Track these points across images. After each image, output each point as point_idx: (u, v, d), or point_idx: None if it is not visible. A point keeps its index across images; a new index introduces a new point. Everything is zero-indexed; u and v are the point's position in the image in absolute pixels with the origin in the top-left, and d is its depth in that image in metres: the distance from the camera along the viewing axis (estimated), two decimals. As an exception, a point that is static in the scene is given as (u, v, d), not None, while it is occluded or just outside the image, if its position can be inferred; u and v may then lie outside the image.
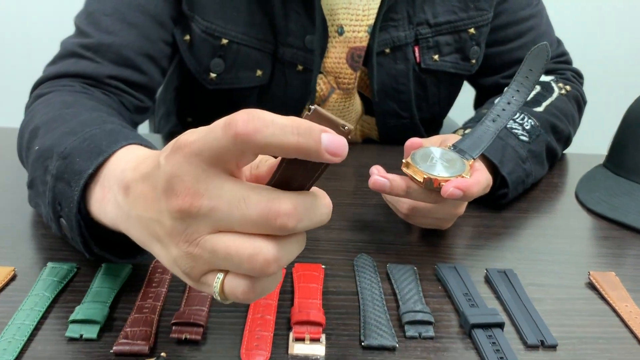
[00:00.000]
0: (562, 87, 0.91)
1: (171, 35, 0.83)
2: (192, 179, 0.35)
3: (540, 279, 0.64)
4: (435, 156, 0.65)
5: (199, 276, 0.38)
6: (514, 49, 0.96)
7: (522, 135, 0.79)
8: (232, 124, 0.33)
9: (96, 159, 0.49)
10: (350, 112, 0.93)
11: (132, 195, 0.41)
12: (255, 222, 0.35)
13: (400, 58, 0.89)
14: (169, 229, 0.37)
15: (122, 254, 0.55)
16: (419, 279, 0.62)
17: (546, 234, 0.74)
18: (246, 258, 0.35)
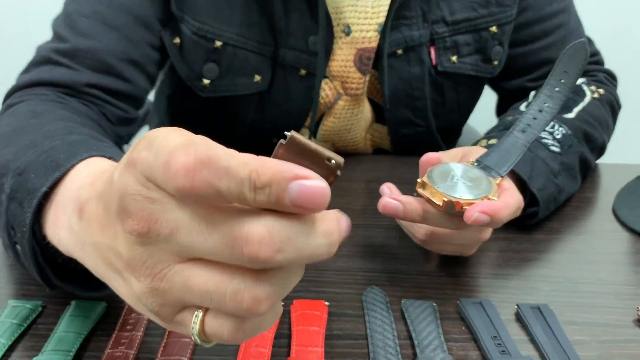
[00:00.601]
0: (594, 91, 0.82)
1: (159, 38, 0.75)
2: (145, 199, 0.29)
3: (581, 316, 0.55)
4: (456, 174, 0.55)
5: (171, 316, 0.31)
6: (540, 48, 0.86)
7: (553, 145, 0.70)
8: (172, 169, 0.27)
9: (51, 174, 0.42)
10: (359, 120, 0.84)
11: (86, 218, 0.34)
12: (220, 251, 0.28)
13: (414, 60, 0.80)
14: (126, 258, 0.30)
15: (88, 286, 0.47)
16: (439, 318, 0.53)
17: (583, 259, 0.65)
18: (229, 296, 0.28)
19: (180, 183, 0.27)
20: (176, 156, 0.27)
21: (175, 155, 0.27)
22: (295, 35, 0.75)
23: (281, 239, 0.27)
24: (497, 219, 0.52)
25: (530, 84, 0.87)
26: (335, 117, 0.81)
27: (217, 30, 0.74)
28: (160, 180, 0.28)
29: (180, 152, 0.27)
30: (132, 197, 0.29)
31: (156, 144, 0.28)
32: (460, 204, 0.52)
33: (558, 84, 0.58)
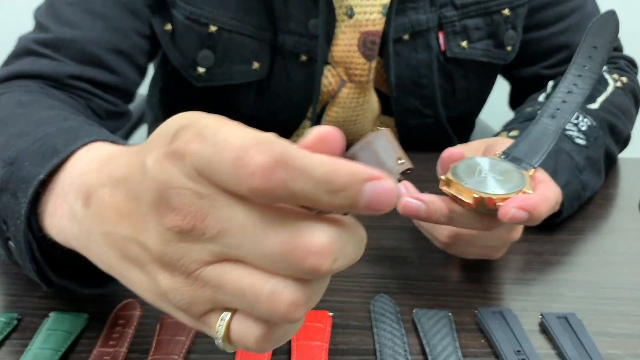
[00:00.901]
0: (617, 79, 0.76)
1: (148, 27, 0.70)
2: (193, 194, 0.27)
3: (612, 325, 0.50)
4: (484, 168, 0.49)
5: (199, 314, 0.30)
6: (556, 33, 0.81)
7: (579, 137, 0.65)
8: (247, 169, 0.25)
9: (49, 161, 0.39)
10: (365, 111, 0.78)
11: (95, 206, 0.33)
12: (275, 260, 0.26)
13: (421, 46, 0.75)
14: (157, 253, 0.29)
15: (89, 282, 0.44)
16: (456, 330, 0.48)
17: (610, 262, 0.59)
18: (264, 297, 0.27)
19: (256, 184, 0.25)
20: (251, 155, 0.25)
21: (250, 153, 0.25)
22: (295, 19, 0.70)
23: (337, 248, 0.26)
24: (536, 215, 0.46)
25: (546, 71, 0.82)
26: (339, 106, 0.76)
27: (211, 14, 0.69)
28: (225, 178, 0.26)
29: (254, 150, 0.25)
30: (176, 190, 0.27)
31: (211, 136, 0.26)
32: (493, 200, 0.47)
33: (587, 61, 0.52)
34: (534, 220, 0.47)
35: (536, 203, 0.46)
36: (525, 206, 0.46)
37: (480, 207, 0.47)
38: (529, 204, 0.46)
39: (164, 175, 0.28)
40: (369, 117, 0.79)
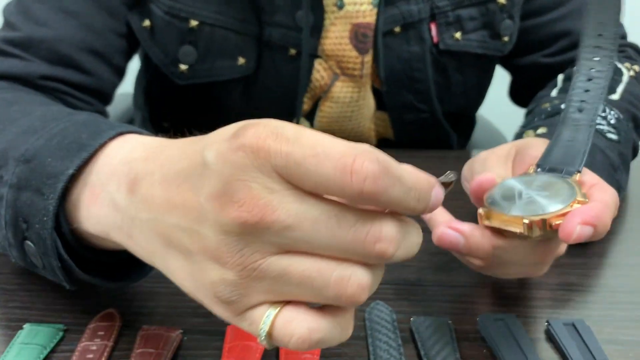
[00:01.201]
0: (629, 68, 0.72)
1: (125, 25, 0.67)
2: (263, 188, 0.29)
3: (623, 332, 0.47)
4: (523, 189, 0.43)
5: (244, 309, 0.31)
6: (555, 20, 0.77)
7: (610, 132, 0.60)
8: (358, 175, 0.28)
9: (77, 155, 0.39)
10: (361, 107, 0.75)
11: (142, 192, 0.33)
12: (347, 246, 0.29)
13: (413, 38, 0.72)
14: (213, 243, 0.30)
15: (114, 277, 0.44)
16: (456, 339, 0.45)
17: (619, 264, 0.56)
18: (333, 281, 0.29)
19: (367, 188, 0.28)
20: (360, 162, 0.28)
21: (358, 160, 0.28)
22: (282, 11, 0.67)
23: (402, 237, 0.30)
24: (602, 226, 0.40)
25: (545, 59, 0.79)
26: (332, 101, 0.73)
27: (191, 8, 0.66)
28: (320, 181, 0.28)
29: (362, 157, 0.28)
30: (244, 182, 0.28)
31: (294, 137, 0.28)
32: (549, 221, 0.40)
33: (597, 40, 0.46)
34: (599, 234, 0.40)
35: (601, 212, 0.40)
36: (589, 219, 0.39)
37: (534, 233, 0.40)
38: (593, 216, 0.39)
39: (231, 167, 0.29)
40: (365, 114, 0.76)
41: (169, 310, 0.47)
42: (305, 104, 0.73)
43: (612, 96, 0.66)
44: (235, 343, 0.43)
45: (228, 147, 0.29)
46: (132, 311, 0.47)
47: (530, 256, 0.43)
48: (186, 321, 0.46)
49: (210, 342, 0.44)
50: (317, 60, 0.71)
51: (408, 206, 0.30)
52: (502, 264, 0.46)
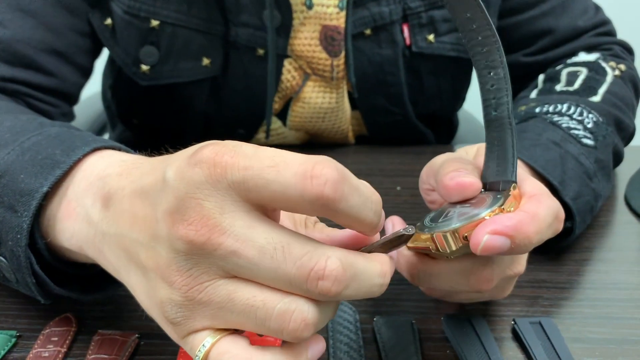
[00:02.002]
0: (614, 67, 0.69)
1: (87, 23, 0.65)
2: (216, 208, 0.29)
3: (590, 330, 0.46)
4: (453, 208, 0.39)
5: (187, 332, 0.31)
6: (535, 17, 0.75)
7: (586, 137, 0.57)
8: (318, 179, 0.28)
9: (51, 172, 0.39)
10: (334, 110, 0.72)
11: (115, 209, 0.34)
12: (291, 281, 0.29)
13: (385, 41, 0.70)
14: (164, 260, 0.30)
15: (87, 289, 0.43)
16: (419, 340, 0.44)
17: (592, 259, 0.55)
18: (276, 313, 0.29)
19: (327, 192, 0.28)
20: (319, 168, 0.28)
21: (317, 167, 0.28)
22: (248, 10, 0.66)
23: (350, 275, 0.29)
24: (520, 238, 0.35)
25: (526, 58, 0.76)
26: (304, 102, 0.71)
27: (151, 7, 0.64)
28: (278, 190, 0.28)
29: (321, 165, 0.28)
30: (197, 201, 0.28)
31: (251, 153, 0.29)
32: (461, 233, 0.36)
33: (474, 33, 0.38)
34: (520, 247, 0.35)
35: (520, 223, 0.35)
36: (502, 229, 0.35)
37: (450, 247, 0.36)
38: (508, 226, 0.35)
39: (186, 183, 0.29)
40: (340, 116, 0.74)
41: (128, 314, 0.46)
42: (277, 103, 0.72)
43: (592, 98, 0.64)
44: (191, 347, 0.42)
45: (186, 164, 0.29)
46: (89, 315, 0.46)
47: (462, 277, 0.39)
48: (144, 325, 0.45)
49: (167, 346, 0.43)
50: (287, 60, 0.69)
51: (366, 218, 0.30)
52: (444, 289, 0.43)
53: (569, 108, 0.60)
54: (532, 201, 0.38)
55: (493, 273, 0.39)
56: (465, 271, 0.39)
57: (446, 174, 0.39)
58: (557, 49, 0.75)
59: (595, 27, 0.76)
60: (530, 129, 0.57)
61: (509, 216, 0.36)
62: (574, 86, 0.66)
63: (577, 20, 0.75)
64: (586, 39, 0.75)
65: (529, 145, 0.54)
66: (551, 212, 0.38)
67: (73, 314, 0.46)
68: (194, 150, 0.30)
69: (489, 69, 0.38)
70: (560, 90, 0.66)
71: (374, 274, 0.30)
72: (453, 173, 0.39)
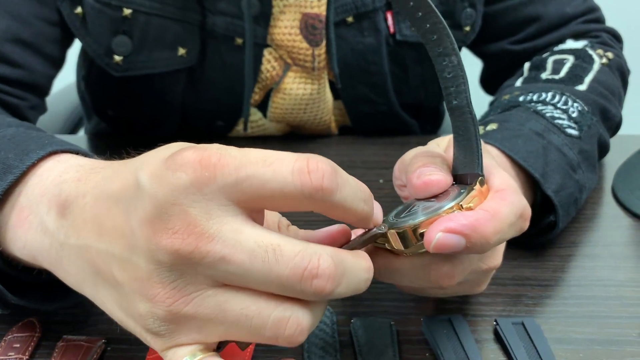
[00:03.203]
0: (602, 55, 0.67)
1: (56, 11, 0.62)
2: (202, 214, 0.28)
3: (574, 330, 0.45)
4: (418, 202, 0.38)
5: (172, 345, 0.30)
6: (522, 3, 0.73)
7: (570, 127, 0.55)
8: (315, 173, 0.28)
9: (2, 178, 0.37)
10: (316, 101, 0.70)
11: (73, 216, 0.32)
12: (284, 282, 0.28)
13: (368, 29, 0.68)
14: (144, 273, 0.28)
15: (48, 297, 0.41)
16: (397, 341, 0.43)
17: (577, 254, 0.54)
18: (271, 322, 0.29)
19: (325, 184, 0.28)
20: (314, 162, 0.28)
21: (312, 162, 0.28)
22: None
23: (340, 272, 0.29)
24: (477, 237, 0.33)
25: (514, 47, 0.74)
26: (285, 93, 0.69)
27: None
28: (275, 186, 0.28)
29: (315, 159, 0.29)
30: (181, 207, 0.27)
31: (241, 154, 0.28)
32: (413, 229, 0.34)
33: (420, 21, 0.37)
34: (477, 246, 0.34)
35: (476, 221, 0.34)
36: (457, 228, 0.33)
37: (408, 244, 0.35)
38: (464, 224, 0.33)
39: (167, 189, 0.27)
40: (323, 108, 0.72)
41: (94, 317, 0.45)
42: (257, 94, 0.69)
43: (578, 87, 0.62)
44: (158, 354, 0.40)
45: (165, 168, 0.28)
46: (54, 319, 0.44)
47: (423, 273, 0.37)
48: (111, 329, 0.43)
49: (135, 351, 0.42)
50: (267, 49, 0.66)
51: (357, 207, 0.30)
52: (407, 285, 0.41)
53: (554, 97, 0.59)
54: (496, 198, 0.36)
55: (454, 269, 0.37)
56: (425, 267, 0.37)
57: (414, 172, 0.37)
58: (544, 37, 0.73)
59: (584, 13, 0.74)
60: (513, 119, 0.55)
61: (467, 214, 0.34)
62: (559, 74, 0.64)
63: (565, 7, 0.73)
64: (574, 26, 0.73)
65: (510, 136, 0.52)
66: (514, 210, 0.36)
67: (37, 318, 0.44)
68: (169, 154, 0.28)
69: (443, 57, 0.36)
70: (546, 78, 0.65)
71: (362, 269, 0.31)
72: (420, 170, 0.37)
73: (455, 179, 0.38)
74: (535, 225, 0.51)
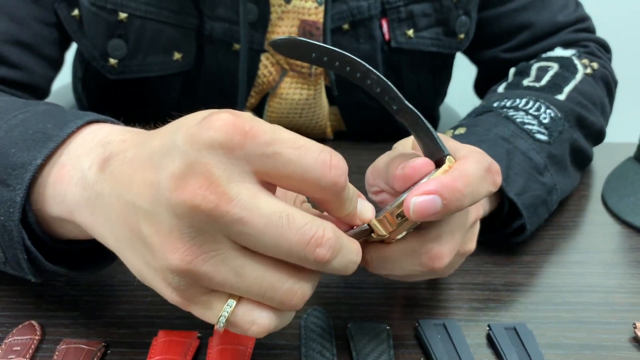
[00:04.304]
0: (587, 65, 0.69)
1: (53, 13, 0.63)
2: (225, 175, 0.29)
3: (566, 335, 0.46)
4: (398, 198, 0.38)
5: (196, 296, 0.32)
6: (515, 10, 0.74)
7: (540, 133, 0.57)
8: (337, 169, 0.31)
9: (44, 145, 0.38)
10: (312, 106, 0.71)
11: (112, 170, 0.33)
12: (292, 248, 0.30)
13: (363, 36, 0.68)
14: (166, 227, 0.30)
15: (77, 265, 0.42)
16: (392, 345, 0.43)
17: (568, 261, 0.55)
18: (282, 293, 0.32)
19: (341, 181, 0.31)
20: (336, 159, 0.31)
21: (334, 158, 0.31)
22: (224, 4, 0.64)
23: (339, 246, 0.32)
24: (449, 191, 0.35)
25: (506, 54, 0.76)
26: (281, 98, 0.70)
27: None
28: (298, 172, 0.30)
29: (335, 156, 0.31)
30: (207, 166, 0.29)
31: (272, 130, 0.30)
32: (390, 212, 0.36)
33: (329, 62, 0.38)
34: (454, 202, 0.35)
35: (445, 179, 0.35)
36: (429, 188, 0.35)
37: (383, 233, 0.37)
38: (435, 184, 0.35)
39: (198, 147, 0.29)
40: (319, 113, 0.72)
41: (94, 320, 0.45)
42: (253, 98, 0.70)
43: (557, 96, 0.63)
44: (159, 357, 0.41)
45: (198, 127, 0.29)
46: (54, 322, 0.45)
47: (414, 257, 0.39)
48: (111, 332, 0.44)
49: (135, 355, 0.42)
50: (264, 54, 0.67)
51: (349, 207, 0.34)
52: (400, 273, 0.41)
53: (527, 103, 0.60)
54: (460, 161, 0.38)
55: (442, 249, 0.39)
56: (415, 252, 0.39)
57: (396, 168, 0.39)
58: (535, 45, 0.74)
59: (575, 22, 0.75)
60: (481, 124, 0.57)
61: (437, 177, 0.36)
62: (540, 82, 0.66)
63: (557, 15, 0.74)
64: (564, 34, 0.74)
65: (475, 141, 0.54)
66: (480, 166, 0.38)
67: (37, 321, 0.44)
68: (205, 115, 0.30)
69: (364, 79, 0.38)
70: (527, 85, 0.66)
71: (353, 250, 0.33)
72: (402, 164, 0.39)
73: None
74: (505, 228, 0.53)
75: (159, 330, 0.43)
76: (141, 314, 0.46)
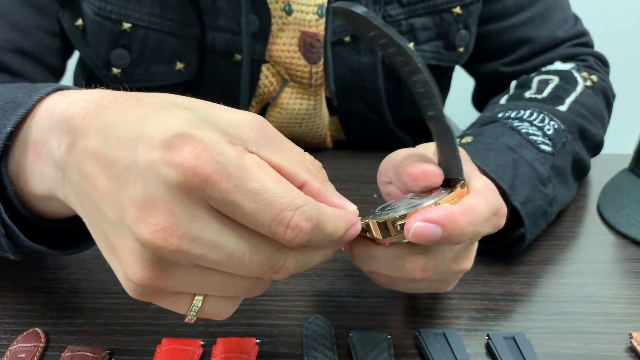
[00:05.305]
0: (586, 78, 0.70)
1: (56, 22, 0.64)
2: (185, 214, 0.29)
3: (564, 345, 0.46)
4: (403, 199, 0.41)
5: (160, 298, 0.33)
6: (516, 25, 0.75)
7: (544, 144, 0.58)
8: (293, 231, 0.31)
9: (14, 112, 0.37)
10: (312, 116, 0.72)
11: (76, 157, 0.33)
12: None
13: (364, 48, 0.69)
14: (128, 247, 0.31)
15: (59, 245, 0.42)
16: (393, 354, 0.44)
17: (565, 271, 0.56)
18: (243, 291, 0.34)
19: (295, 242, 0.31)
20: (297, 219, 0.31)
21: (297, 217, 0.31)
22: (226, 15, 0.64)
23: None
24: (452, 227, 0.36)
25: (505, 68, 0.76)
26: (281, 107, 0.70)
27: (123, 9, 0.63)
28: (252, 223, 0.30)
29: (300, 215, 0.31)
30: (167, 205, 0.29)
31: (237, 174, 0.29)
32: (393, 220, 0.37)
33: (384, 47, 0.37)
34: (453, 237, 0.36)
35: (452, 213, 0.36)
36: (433, 217, 0.36)
37: (380, 237, 0.38)
38: (440, 215, 0.36)
39: (157, 182, 0.28)
40: (318, 122, 0.73)
41: (98, 328, 0.45)
42: (254, 107, 0.71)
43: (559, 107, 0.64)
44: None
45: (160, 159, 0.28)
46: (58, 329, 0.45)
47: (399, 263, 0.39)
48: (115, 340, 0.44)
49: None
50: (265, 65, 0.68)
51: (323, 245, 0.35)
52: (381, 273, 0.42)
53: (532, 114, 0.61)
54: (472, 195, 0.39)
55: (428, 263, 0.39)
56: (401, 258, 0.39)
57: (410, 164, 0.39)
58: (535, 59, 0.75)
59: (574, 37, 0.76)
60: (487, 133, 0.58)
61: (445, 207, 0.37)
62: (542, 94, 0.66)
63: (556, 30, 0.75)
64: (563, 49, 0.75)
65: (482, 149, 0.54)
66: (489, 206, 0.38)
67: (41, 328, 0.45)
68: (169, 140, 0.29)
69: (412, 75, 0.37)
70: (529, 97, 0.67)
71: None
72: (417, 162, 0.39)
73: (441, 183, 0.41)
74: (505, 237, 0.54)
75: (162, 338, 0.44)
76: (145, 321, 0.46)
